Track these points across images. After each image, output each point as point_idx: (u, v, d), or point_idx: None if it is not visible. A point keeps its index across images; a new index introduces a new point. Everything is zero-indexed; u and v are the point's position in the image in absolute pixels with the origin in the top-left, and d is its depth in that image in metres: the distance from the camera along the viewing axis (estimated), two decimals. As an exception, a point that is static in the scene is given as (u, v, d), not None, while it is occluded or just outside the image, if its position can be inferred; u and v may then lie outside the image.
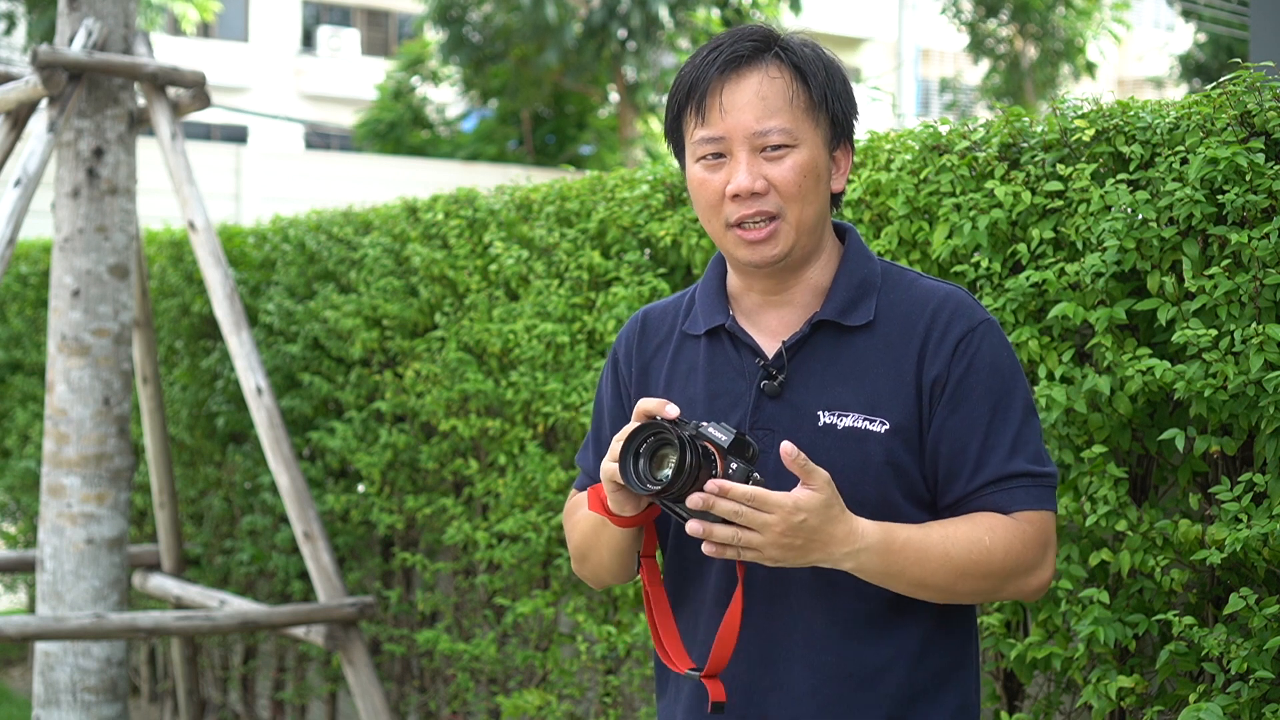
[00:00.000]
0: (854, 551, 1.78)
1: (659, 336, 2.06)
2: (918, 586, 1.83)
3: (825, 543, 1.76)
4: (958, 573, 1.82)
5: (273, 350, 5.18)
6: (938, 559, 1.82)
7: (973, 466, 1.88)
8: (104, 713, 4.79)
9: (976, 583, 1.85)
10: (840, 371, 1.91)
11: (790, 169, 1.88)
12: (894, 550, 1.80)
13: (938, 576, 1.82)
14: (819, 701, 1.88)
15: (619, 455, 1.78)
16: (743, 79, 1.88)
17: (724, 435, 1.77)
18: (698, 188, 1.93)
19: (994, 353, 1.91)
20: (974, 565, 1.83)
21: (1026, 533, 1.86)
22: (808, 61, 1.90)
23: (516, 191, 4.16)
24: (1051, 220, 2.67)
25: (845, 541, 1.77)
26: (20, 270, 7.10)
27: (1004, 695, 2.91)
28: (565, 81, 20.41)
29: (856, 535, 1.78)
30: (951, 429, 1.88)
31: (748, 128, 1.87)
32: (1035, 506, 1.88)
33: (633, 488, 1.77)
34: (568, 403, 3.79)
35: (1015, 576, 1.87)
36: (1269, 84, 2.43)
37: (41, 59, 4.58)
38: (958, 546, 1.83)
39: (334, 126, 27.85)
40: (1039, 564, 1.88)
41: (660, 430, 1.76)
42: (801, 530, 1.74)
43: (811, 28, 26.45)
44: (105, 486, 4.77)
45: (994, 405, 1.89)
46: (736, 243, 1.91)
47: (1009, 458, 1.88)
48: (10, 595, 8.05)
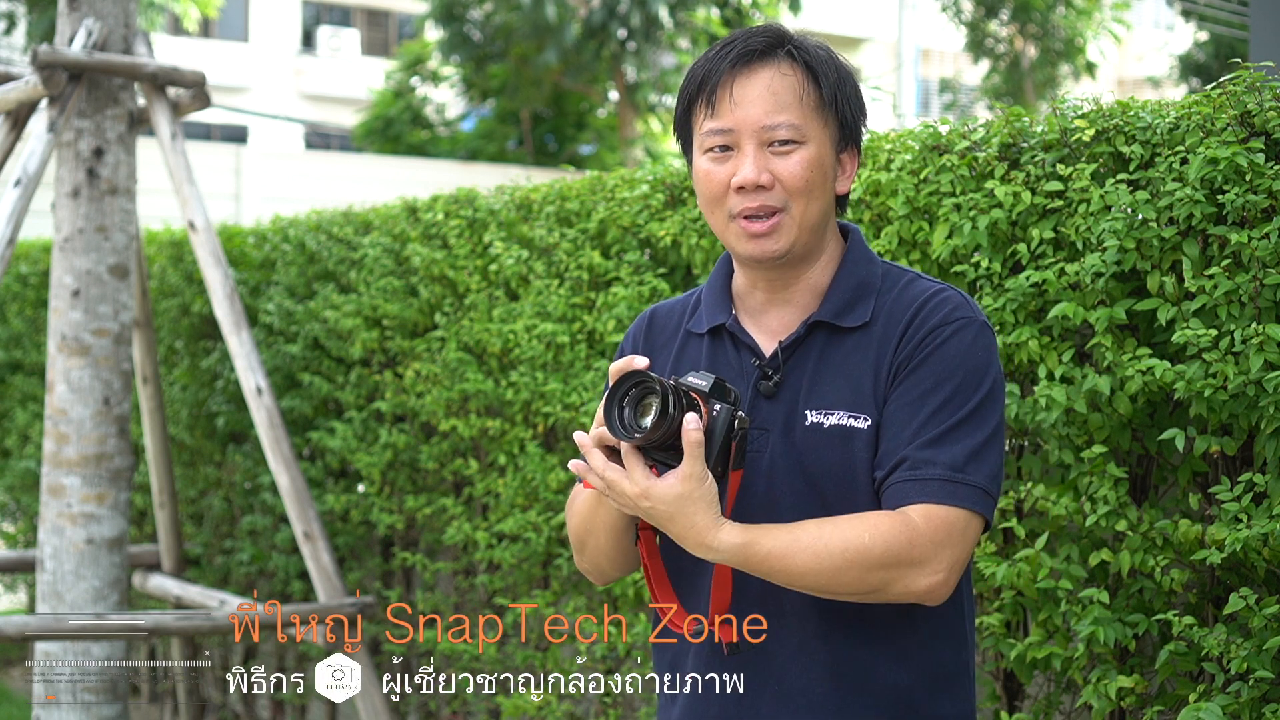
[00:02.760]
0: (708, 551, 1.80)
1: (665, 334, 2.07)
2: (792, 584, 1.82)
3: (680, 536, 1.80)
4: (831, 573, 1.79)
5: (273, 350, 5.17)
6: (806, 562, 1.79)
7: (896, 447, 1.84)
8: (104, 713, 4.79)
9: (853, 584, 1.80)
10: (829, 371, 1.91)
11: (797, 164, 1.88)
12: (754, 563, 1.81)
13: (809, 578, 1.80)
14: (812, 701, 1.88)
15: (604, 406, 1.80)
16: (754, 74, 1.89)
17: (703, 381, 1.80)
18: (703, 179, 1.93)
19: (964, 346, 1.87)
20: (849, 565, 1.78)
21: (916, 530, 1.79)
22: (820, 61, 1.91)
23: (516, 191, 4.16)
24: (1051, 220, 2.67)
25: (698, 546, 1.80)
26: (20, 270, 7.10)
27: (1004, 695, 2.91)
28: (565, 81, 20.41)
29: (713, 548, 1.79)
30: (891, 411, 1.85)
31: (757, 121, 1.88)
32: (942, 501, 1.80)
33: (618, 436, 1.78)
34: (568, 403, 3.80)
35: (897, 574, 1.78)
36: (1269, 84, 2.43)
37: (41, 59, 4.58)
38: (831, 547, 1.78)
39: (334, 126, 27.84)
40: (929, 563, 1.79)
41: (644, 380, 1.78)
42: (652, 515, 1.79)
43: (811, 28, 26.45)
44: (105, 486, 4.77)
45: (943, 396, 1.84)
46: (739, 235, 1.91)
47: (932, 446, 1.82)
48: (10, 595, 8.05)
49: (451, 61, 20.84)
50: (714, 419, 1.77)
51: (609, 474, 1.79)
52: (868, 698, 1.88)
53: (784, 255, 1.91)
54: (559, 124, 21.39)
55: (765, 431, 1.90)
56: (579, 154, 21.34)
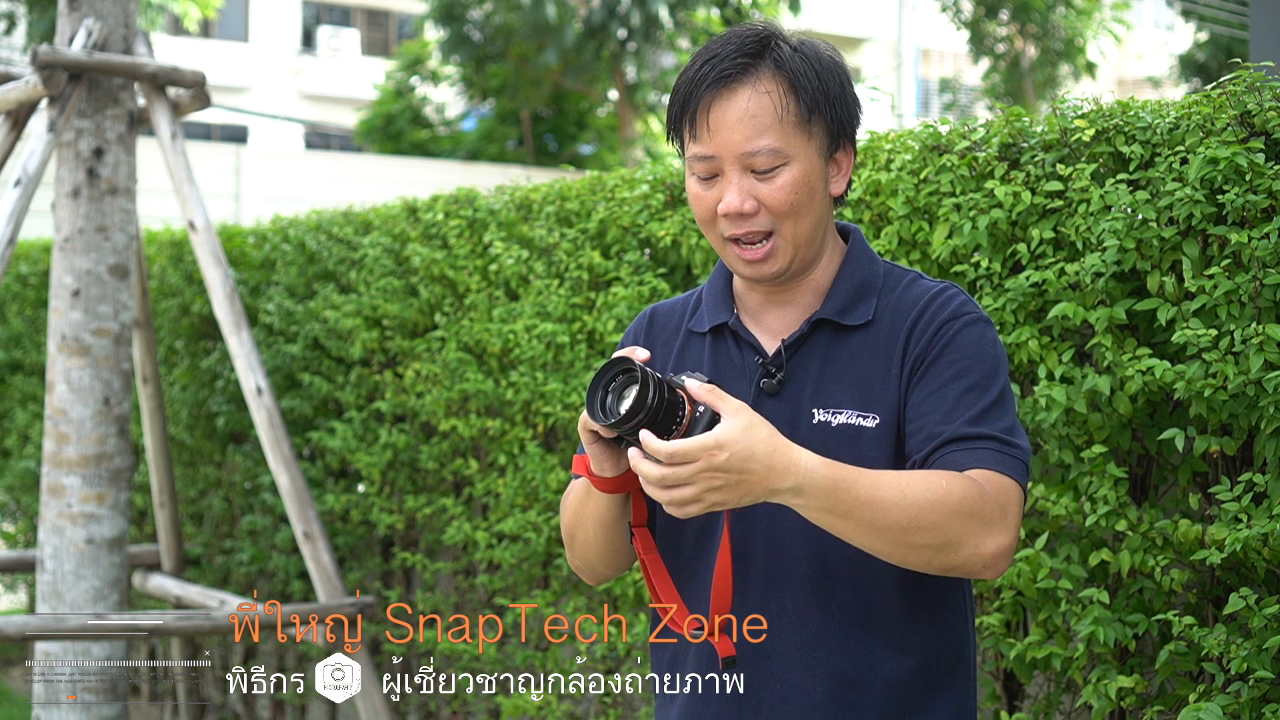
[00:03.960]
0: (797, 485, 1.68)
1: (666, 333, 2.07)
2: (868, 530, 1.72)
3: (763, 476, 1.67)
4: (911, 517, 1.71)
5: (273, 350, 5.17)
6: (891, 498, 1.71)
7: (934, 428, 1.82)
8: (104, 713, 4.79)
9: (931, 534, 1.72)
10: (835, 370, 1.91)
11: (781, 188, 1.86)
12: (843, 488, 1.70)
13: (891, 518, 1.70)
14: (813, 701, 1.88)
15: (589, 388, 1.77)
16: (733, 95, 1.86)
17: (695, 383, 1.74)
18: (694, 200, 1.94)
19: (977, 339, 1.88)
20: (929, 508, 1.71)
21: (985, 490, 1.76)
22: (798, 73, 1.87)
23: (516, 191, 4.16)
24: (1051, 220, 2.67)
25: (786, 473, 1.68)
26: (20, 270, 7.10)
27: (1004, 695, 2.91)
28: (565, 81, 20.41)
29: (798, 466, 1.68)
30: (917, 402, 1.85)
31: (737, 148, 1.86)
32: (997, 469, 1.78)
33: (595, 419, 1.74)
34: (568, 403, 3.80)
35: (972, 532, 1.73)
36: (1269, 84, 2.43)
37: (41, 59, 4.58)
38: (913, 486, 1.73)
39: (334, 126, 27.84)
40: (997, 524, 1.75)
41: (630, 367, 1.74)
42: (730, 467, 1.66)
43: (811, 28, 26.32)
44: (105, 486, 4.77)
45: (969, 383, 1.84)
46: (735, 259, 1.92)
47: (974, 424, 1.81)
48: (10, 595, 8.05)
49: (451, 61, 20.85)
50: (696, 419, 1.73)
51: (675, 447, 1.65)
52: (869, 697, 1.88)
53: (781, 274, 1.92)
54: (559, 124, 21.40)
55: None
56: (579, 154, 21.35)
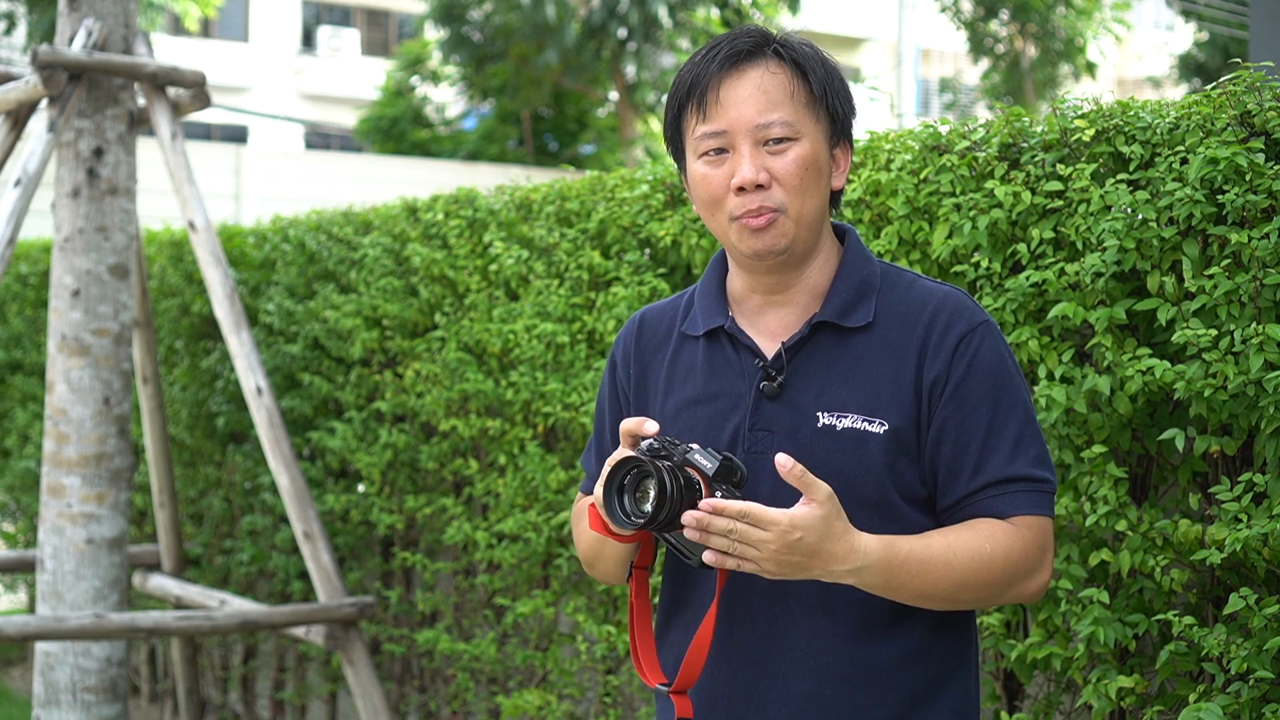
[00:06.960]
0: (856, 569, 1.77)
1: (657, 338, 2.06)
2: (919, 597, 1.84)
3: (826, 560, 1.75)
4: (959, 583, 1.83)
5: (273, 350, 5.18)
6: (940, 570, 1.82)
7: (973, 468, 1.88)
8: (104, 713, 4.79)
9: (978, 591, 1.85)
10: (840, 373, 1.90)
11: (793, 161, 1.88)
12: (896, 565, 1.80)
13: (940, 587, 1.82)
14: (818, 703, 1.88)
15: (602, 493, 1.78)
16: (743, 74, 1.89)
17: (709, 462, 1.76)
18: (700, 184, 1.93)
19: (994, 354, 1.91)
20: (975, 574, 1.83)
21: (1026, 538, 1.87)
22: (806, 58, 1.92)
23: (516, 191, 4.16)
24: (1051, 220, 2.67)
25: (846, 559, 1.76)
26: (20, 270, 7.10)
27: (1004, 695, 2.91)
28: (565, 81, 20.42)
29: (858, 553, 1.77)
30: (952, 430, 1.88)
31: (750, 120, 1.88)
32: (1034, 511, 1.88)
33: (619, 524, 1.76)
34: (568, 403, 3.80)
35: (1015, 582, 1.87)
36: (1269, 84, 2.43)
37: (41, 59, 4.58)
38: (959, 556, 1.83)
39: (334, 126, 27.85)
40: (1037, 568, 1.89)
41: (639, 464, 1.75)
42: (799, 548, 1.73)
43: (811, 28, 26.33)
44: (105, 486, 4.77)
45: (995, 407, 1.89)
46: (740, 234, 1.90)
47: (1010, 460, 1.88)
48: (10, 595, 8.05)
49: (451, 61, 20.85)
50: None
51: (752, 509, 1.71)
52: (874, 698, 1.88)
53: (785, 251, 1.91)
54: (559, 124, 21.40)
55: (770, 433, 1.89)
56: (579, 154, 21.35)
